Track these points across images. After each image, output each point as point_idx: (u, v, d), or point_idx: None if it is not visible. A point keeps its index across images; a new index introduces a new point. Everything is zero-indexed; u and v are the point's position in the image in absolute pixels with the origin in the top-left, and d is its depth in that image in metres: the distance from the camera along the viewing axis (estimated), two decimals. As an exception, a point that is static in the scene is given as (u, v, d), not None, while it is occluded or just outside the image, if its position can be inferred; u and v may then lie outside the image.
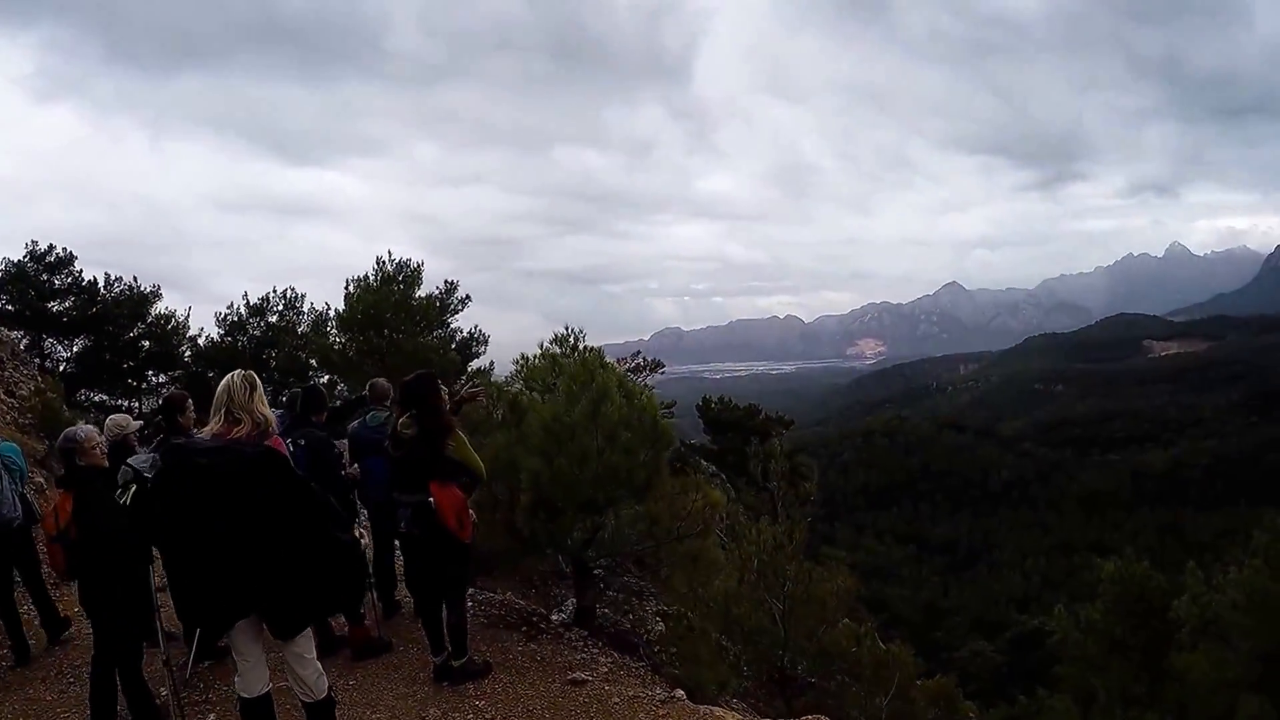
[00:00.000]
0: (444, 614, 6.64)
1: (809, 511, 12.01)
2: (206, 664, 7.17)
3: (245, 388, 4.46)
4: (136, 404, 33.87)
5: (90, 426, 6.72)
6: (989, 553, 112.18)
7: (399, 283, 29.69)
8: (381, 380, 8.70)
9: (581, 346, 19.14)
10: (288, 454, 5.43)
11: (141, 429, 10.92)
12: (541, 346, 19.42)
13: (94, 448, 6.36)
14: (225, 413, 4.37)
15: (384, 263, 30.25)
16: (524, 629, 8.16)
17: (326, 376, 33.61)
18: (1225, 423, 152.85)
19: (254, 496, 4.12)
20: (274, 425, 4.57)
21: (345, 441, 8.49)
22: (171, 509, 4.18)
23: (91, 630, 6.30)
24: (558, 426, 7.69)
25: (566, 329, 19.43)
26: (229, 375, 4.53)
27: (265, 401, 4.62)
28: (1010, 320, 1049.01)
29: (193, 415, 7.84)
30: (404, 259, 30.70)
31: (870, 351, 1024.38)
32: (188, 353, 33.91)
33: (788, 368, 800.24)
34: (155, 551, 5.35)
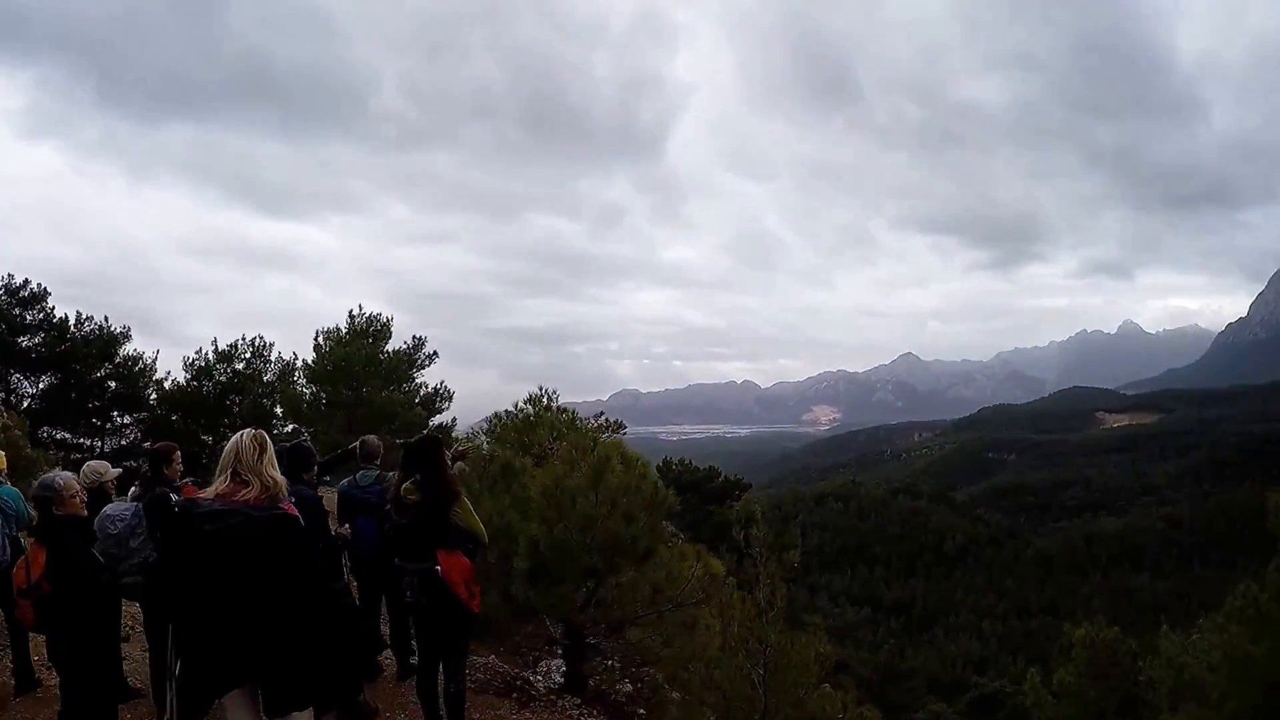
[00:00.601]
0: (441, 683, 6.39)
1: (790, 577, 11.98)
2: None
3: (255, 449, 4.17)
4: (99, 444, 33.33)
5: (68, 474, 6.35)
6: (945, 615, 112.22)
7: (369, 336, 29.62)
8: (373, 438, 8.47)
9: (555, 407, 19.26)
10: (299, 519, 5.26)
11: (122, 477, 10.72)
12: (516, 405, 19.50)
13: (73, 496, 6.03)
14: (232, 474, 4.10)
15: (355, 316, 30.19)
16: (514, 695, 7.94)
17: (291, 426, 33.28)
18: (1176, 490, 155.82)
19: (262, 563, 3.92)
20: (284, 489, 4.23)
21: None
22: (176, 571, 3.99)
23: (58, 685, 6.09)
24: (558, 492, 7.57)
25: (540, 389, 19.55)
26: (238, 435, 4.24)
27: (275, 464, 4.33)
28: (965, 391, 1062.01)
29: (179, 468, 7.65)
30: (374, 313, 30.69)
31: (825, 418, 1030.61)
32: (153, 395, 33.53)
33: (743, 431, 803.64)
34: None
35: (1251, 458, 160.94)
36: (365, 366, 29.01)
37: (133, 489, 7.53)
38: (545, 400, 18.97)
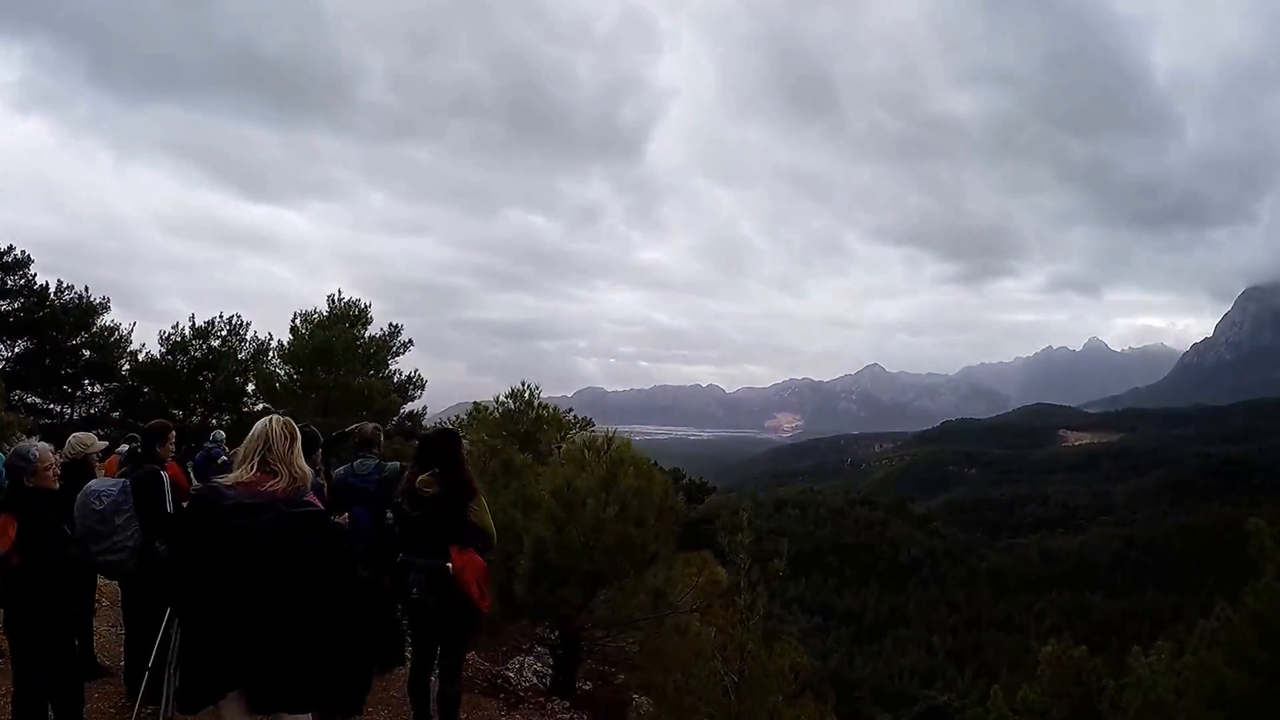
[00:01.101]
0: (434, 684, 6.16)
1: (772, 586, 11.92)
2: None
3: (286, 438, 3.82)
4: (70, 411, 33.11)
5: (45, 444, 5.99)
6: (895, 627, 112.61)
7: (348, 321, 29.37)
8: (371, 425, 8.26)
9: (536, 402, 19.09)
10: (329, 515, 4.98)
11: (114, 450, 10.45)
12: (497, 399, 19.30)
13: (48, 469, 5.72)
14: (260, 462, 3.75)
15: (335, 301, 29.92)
16: (501, 696, 7.75)
17: (262, 405, 32.97)
18: (1135, 510, 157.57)
19: (293, 562, 3.63)
20: (310, 480, 3.91)
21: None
22: (194, 561, 3.62)
23: (10, 663, 5.76)
24: (569, 493, 7.39)
25: (522, 384, 19.36)
26: (267, 421, 3.88)
27: (303, 454, 3.97)
28: (929, 403, 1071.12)
29: (171, 448, 7.44)
30: (353, 299, 30.44)
31: (788, 425, 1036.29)
32: (126, 366, 33.44)
33: (706, 435, 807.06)
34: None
35: (1211, 479, 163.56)
36: (345, 350, 28.74)
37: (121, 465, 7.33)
38: (527, 395, 18.74)
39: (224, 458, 12.56)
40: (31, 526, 5.48)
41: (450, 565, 5.70)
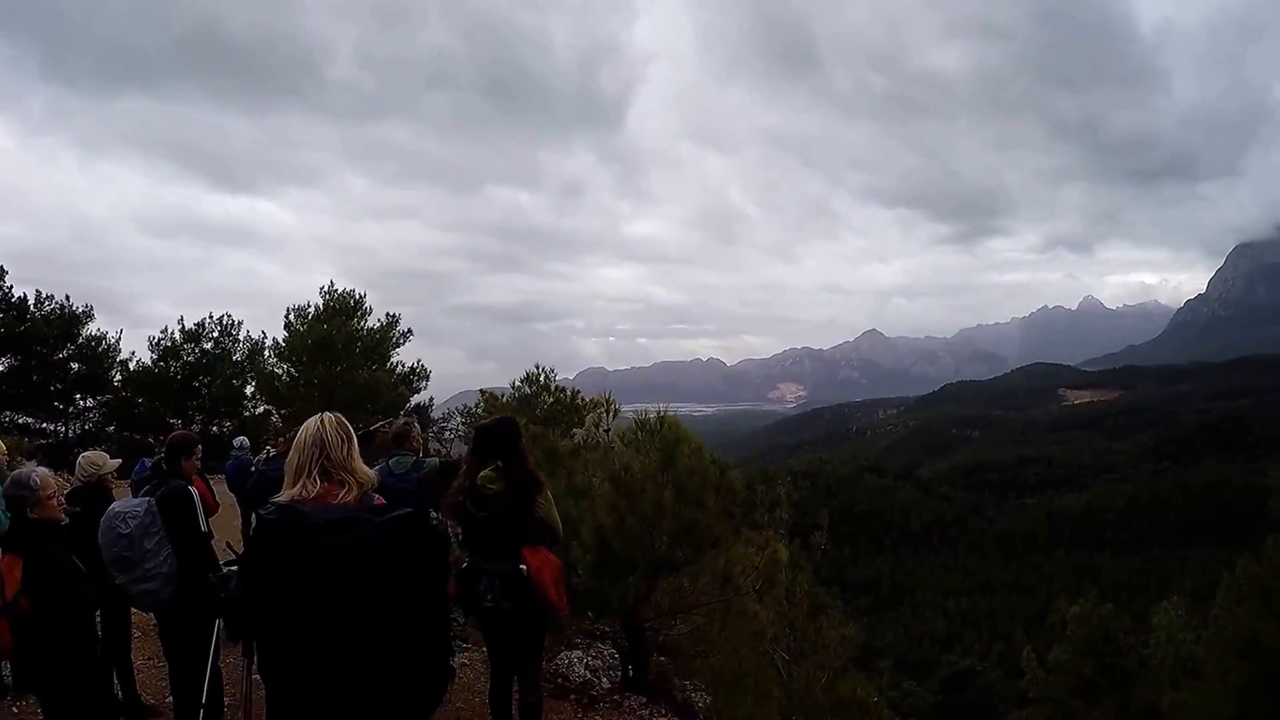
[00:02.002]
0: (515, 692, 5.67)
1: (816, 561, 11.71)
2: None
3: (343, 441, 3.20)
4: (63, 428, 32.46)
5: (44, 469, 5.31)
6: (911, 593, 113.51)
7: (345, 314, 28.94)
8: (403, 419, 7.84)
9: (553, 386, 18.77)
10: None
11: (136, 468, 9.94)
12: (513, 385, 18.99)
13: (50, 497, 5.05)
14: (321, 472, 3.12)
15: (329, 294, 29.46)
16: (572, 697, 7.40)
17: (264, 407, 32.58)
18: (1137, 468, 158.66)
19: (395, 577, 3.00)
20: (374, 482, 3.28)
21: None
22: (281, 592, 2.95)
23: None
24: (626, 477, 6.98)
25: (537, 368, 19.02)
26: (317, 425, 3.23)
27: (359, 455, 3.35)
28: (928, 367, 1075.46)
29: (197, 463, 6.93)
30: (347, 290, 29.98)
31: (791, 395, 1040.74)
32: (117, 377, 32.65)
33: (710, 409, 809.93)
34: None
35: (1210, 435, 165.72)
36: (346, 345, 28.32)
37: (144, 485, 6.77)
38: (542, 379, 18.41)
39: (254, 466, 12.12)
40: (40, 565, 4.88)
41: (524, 567, 5.20)
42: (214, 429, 33.44)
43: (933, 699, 57.78)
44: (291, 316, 29.79)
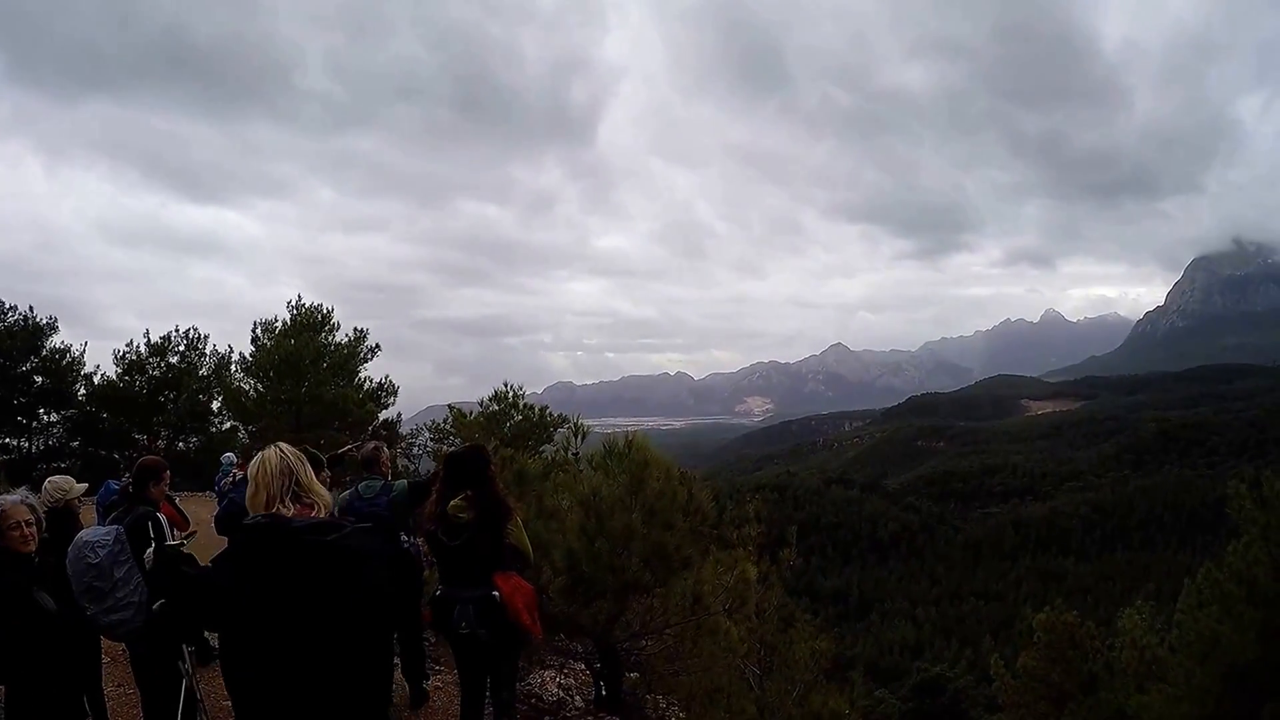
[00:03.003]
0: (487, 716, 5.76)
1: (784, 576, 11.79)
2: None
3: (304, 466, 3.38)
4: (26, 443, 31.85)
5: (12, 498, 5.05)
6: (880, 602, 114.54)
7: (312, 329, 28.69)
8: (372, 443, 7.79)
9: (522, 403, 18.76)
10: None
11: (101, 491, 9.80)
12: (481, 403, 18.96)
13: (14, 528, 4.80)
14: (293, 497, 3.29)
15: (297, 308, 29.22)
16: (547, 718, 7.46)
17: (230, 423, 32.23)
18: (1100, 476, 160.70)
19: (366, 578, 3.18)
20: (331, 503, 3.49)
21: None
22: (262, 585, 3.09)
23: None
24: (596, 502, 7.04)
25: (505, 385, 19.01)
26: (275, 454, 3.39)
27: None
28: (894, 380, 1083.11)
29: (166, 488, 6.85)
30: (315, 304, 29.73)
31: (759, 409, 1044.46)
32: (82, 391, 32.07)
33: (678, 423, 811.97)
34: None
35: (1169, 443, 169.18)
36: (313, 360, 28.05)
37: (112, 511, 6.66)
38: (510, 396, 18.37)
39: (218, 487, 11.99)
40: (3, 601, 4.67)
41: (497, 594, 5.26)
42: (180, 445, 33.06)
43: (904, 706, 58.05)
44: (259, 331, 29.52)
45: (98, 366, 32.73)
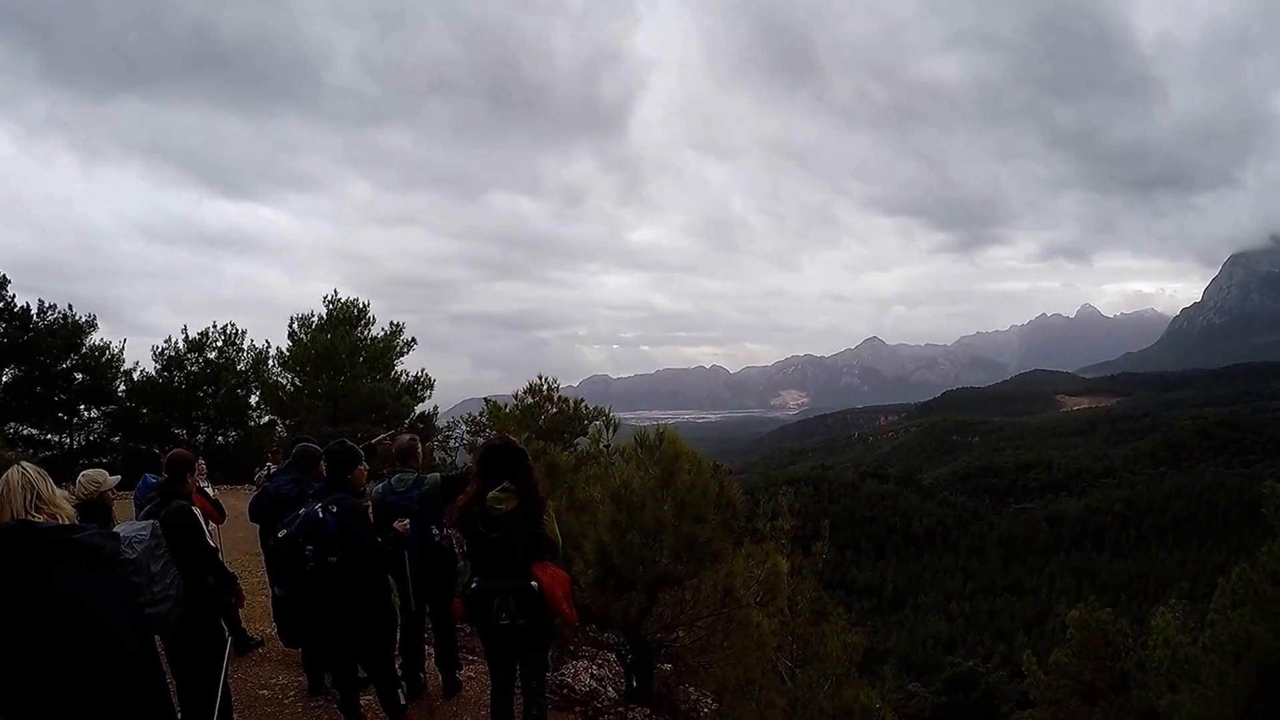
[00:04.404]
0: (517, 705, 5.76)
1: (818, 569, 11.83)
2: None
3: (44, 480, 3.76)
4: (68, 439, 32.39)
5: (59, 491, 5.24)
6: (914, 597, 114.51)
7: (348, 323, 28.92)
8: (408, 435, 7.84)
9: (556, 396, 18.78)
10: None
11: (139, 484, 9.97)
12: (517, 395, 18.99)
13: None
14: (36, 509, 3.64)
15: (333, 302, 29.47)
16: (578, 708, 7.50)
17: (268, 417, 32.58)
18: (1135, 473, 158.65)
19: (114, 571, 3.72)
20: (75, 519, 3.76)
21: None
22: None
23: None
24: (627, 494, 7.07)
25: (540, 378, 19.04)
26: (16, 473, 3.73)
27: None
28: (929, 374, 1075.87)
29: (199, 479, 6.94)
30: (350, 299, 29.98)
31: (794, 402, 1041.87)
32: (121, 387, 32.53)
33: (713, 416, 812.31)
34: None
35: (1205, 441, 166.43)
36: (349, 354, 28.31)
37: (147, 504, 6.77)
38: (545, 389, 18.39)
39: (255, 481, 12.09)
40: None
41: (536, 584, 5.29)
42: (219, 439, 33.48)
43: (936, 700, 57.95)
44: (295, 326, 29.79)
45: (137, 363, 33.25)
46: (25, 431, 30.68)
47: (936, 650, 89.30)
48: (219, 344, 33.64)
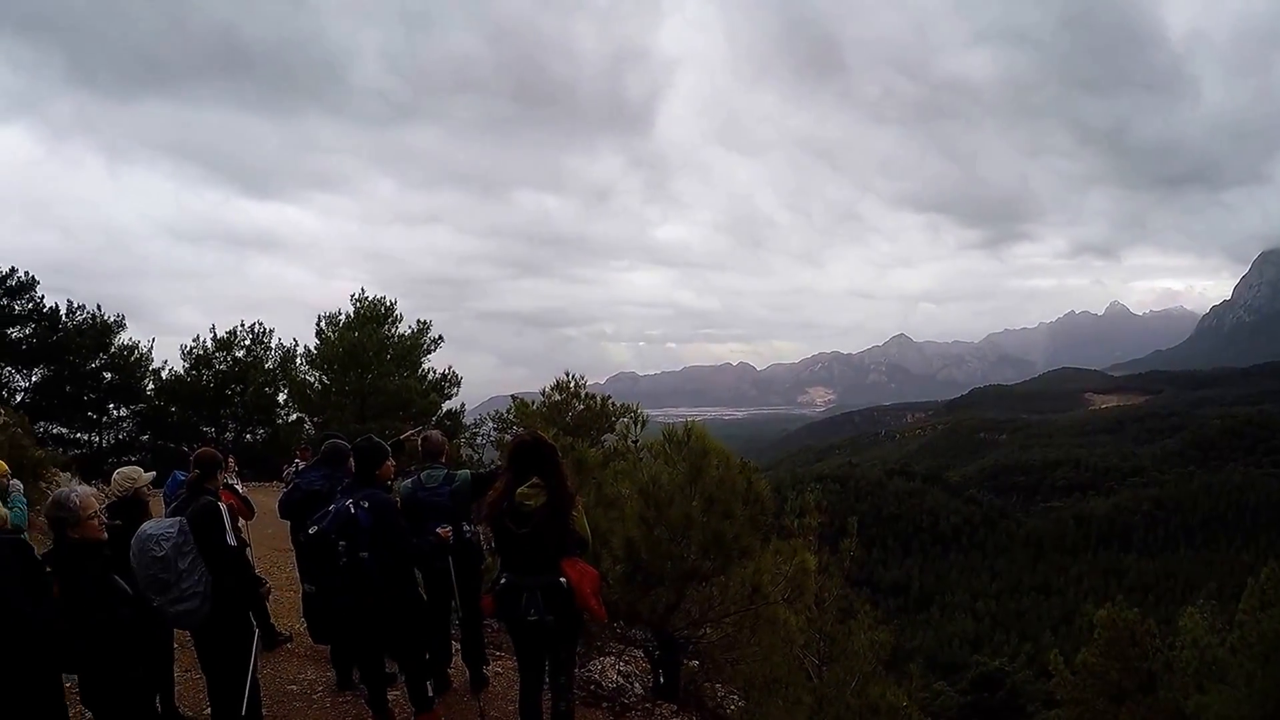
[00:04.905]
0: (545, 703, 5.74)
1: (845, 567, 11.79)
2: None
3: None
4: (97, 437, 32.80)
5: (88, 489, 5.10)
6: (940, 595, 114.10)
7: (376, 321, 29.10)
8: (436, 432, 7.86)
9: (584, 393, 18.81)
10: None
11: (169, 481, 10.04)
12: (544, 392, 19.04)
13: (91, 517, 4.83)
14: None
15: (360, 301, 29.65)
16: (604, 705, 7.52)
17: (296, 414, 32.84)
18: (1163, 472, 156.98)
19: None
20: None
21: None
22: None
23: None
24: (655, 490, 7.07)
25: (567, 375, 19.07)
26: None
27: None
28: (956, 372, 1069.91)
29: (227, 476, 7.01)
30: (378, 297, 30.16)
31: (821, 400, 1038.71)
32: (150, 386, 32.89)
33: (740, 414, 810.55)
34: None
35: (1235, 440, 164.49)
36: (377, 352, 28.52)
37: (175, 501, 6.83)
38: (573, 386, 18.44)
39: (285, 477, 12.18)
40: (77, 588, 4.73)
41: (564, 580, 5.30)
42: (247, 437, 33.78)
43: (962, 699, 57.60)
44: (323, 324, 30.01)
45: (165, 362, 33.66)
46: (55, 430, 31.15)
47: (962, 649, 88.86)
48: (246, 342, 33.99)
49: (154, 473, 7.11)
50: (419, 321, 31.02)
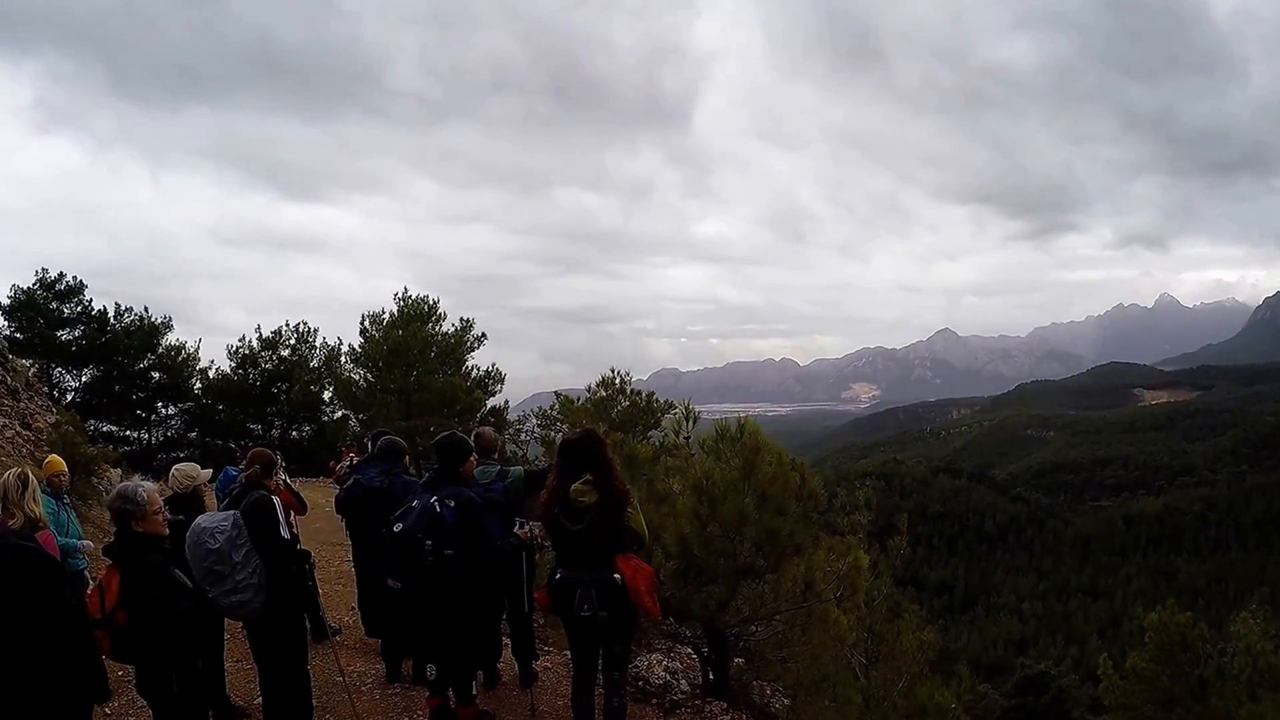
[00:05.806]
0: (598, 698, 5.81)
1: (894, 565, 11.70)
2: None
3: (19, 485, 4.57)
4: (146, 436, 33.49)
5: (151, 485, 5.25)
6: (986, 595, 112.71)
7: (419, 319, 29.31)
8: (488, 429, 7.91)
9: (629, 389, 18.79)
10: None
11: (221, 477, 10.21)
12: (589, 389, 19.07)
13: (156, 512, 4.97)
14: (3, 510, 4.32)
15: (403, 299, 29.87)
16: (654, 702, 7.52)
17: (341, 412, 33.19)
18: (1215, 470, 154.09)
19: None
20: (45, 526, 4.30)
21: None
22: None
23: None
24: (709, 486, 7.05)
25: (612, 371, 19.07)
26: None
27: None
28: (1002, 367, 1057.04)
29: (280, 476, 7.10)
30: (421, 295, 30.35)
31: (865, 395, 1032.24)
32: (197, 385, 33.53)
33: (784, 410, 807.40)
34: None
35: None
36: (421, 350, 28.76)
37: (229, 495, 6.94)
38: (618, 382, 18.44)
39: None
40: (138, 579, 4.83)
41: (618, 576, 5.34)
42: (293, 434, 34.20)
43: (1006, 702, 56.96)
44: (367, 323, 30.28)
45: (212, 361, 34.35)
46: (105, 428, 31.90)
47: (1008, 651, 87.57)
48: (291, 342, 34.44)
49: (211, 469, 7.25)
50: (462, 319, 31.20)
